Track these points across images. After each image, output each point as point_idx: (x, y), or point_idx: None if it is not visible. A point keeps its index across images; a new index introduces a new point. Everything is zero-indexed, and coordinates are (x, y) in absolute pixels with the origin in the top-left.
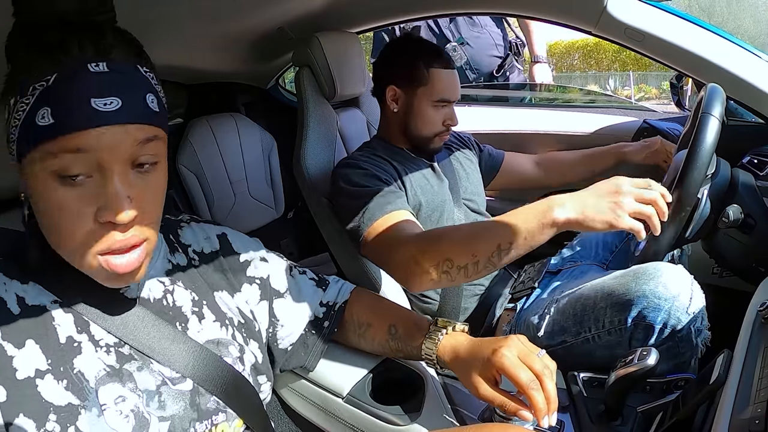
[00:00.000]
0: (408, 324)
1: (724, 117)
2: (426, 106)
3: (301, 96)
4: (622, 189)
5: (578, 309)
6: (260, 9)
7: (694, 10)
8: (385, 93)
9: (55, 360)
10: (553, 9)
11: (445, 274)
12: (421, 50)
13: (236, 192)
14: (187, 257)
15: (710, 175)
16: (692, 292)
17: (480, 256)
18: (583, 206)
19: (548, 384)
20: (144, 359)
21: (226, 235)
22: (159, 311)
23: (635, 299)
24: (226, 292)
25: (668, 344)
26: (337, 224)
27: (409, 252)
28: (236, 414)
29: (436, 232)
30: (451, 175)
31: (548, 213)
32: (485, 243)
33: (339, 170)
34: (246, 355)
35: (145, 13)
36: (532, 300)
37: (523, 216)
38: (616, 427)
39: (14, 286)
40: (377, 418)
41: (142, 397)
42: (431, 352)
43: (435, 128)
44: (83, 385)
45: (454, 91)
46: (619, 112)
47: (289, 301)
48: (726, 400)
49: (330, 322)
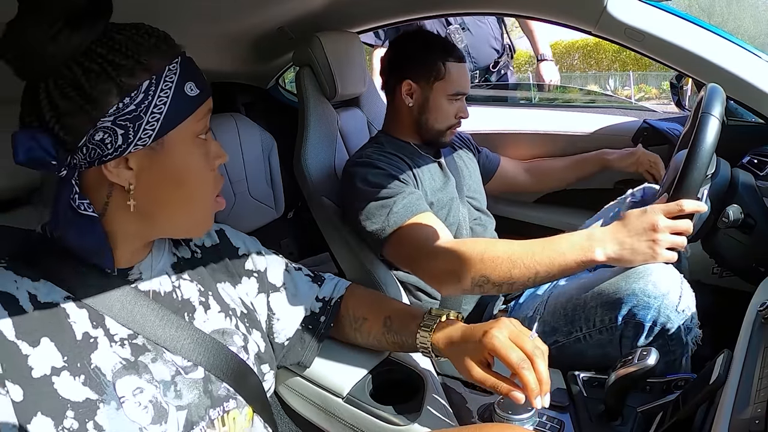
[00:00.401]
0: (403, 315)
1: (724, 117)
2: (442, 99)
3: (301, 96)
4: (658, 225)
5: (569, 309)
6: (260, 9)
7: (694, 10)
8: (400, 87)
9: (71, 356)
10: (553, 9)
11: (479, 288)
12: (436, 45)
13: (236, 192)
14: (191, 251)
15: (710, 175)
16: (682, 291)
17: (516, 279)
18: (621, 247)
19: (540, 364)
20: (157, 349)
21: (224, 231)
22: (169, 304)
23: (625, 298)
24: (228, 283)
25: (659, 342)
26: (338, 224)
27: (448, 263)
28: (245, 402)
29: (478, 248)
30: (456, 172)
31: (589, 252)
32: (524, 269)
33: (354, 169)
34: (250, 345)
35: (145, 12)
36: (523, 300)
37: (563, 248)
38: (616, 427)
39: (26, 284)
40: (377, 418)
41: (159, 388)
42: (426, 341)
43: (449, 121)
44: (101, 380)
45: (467, 84)
46: (619, 112)
47: (285, 296)
48: (726, 400)
49: (326, 317)
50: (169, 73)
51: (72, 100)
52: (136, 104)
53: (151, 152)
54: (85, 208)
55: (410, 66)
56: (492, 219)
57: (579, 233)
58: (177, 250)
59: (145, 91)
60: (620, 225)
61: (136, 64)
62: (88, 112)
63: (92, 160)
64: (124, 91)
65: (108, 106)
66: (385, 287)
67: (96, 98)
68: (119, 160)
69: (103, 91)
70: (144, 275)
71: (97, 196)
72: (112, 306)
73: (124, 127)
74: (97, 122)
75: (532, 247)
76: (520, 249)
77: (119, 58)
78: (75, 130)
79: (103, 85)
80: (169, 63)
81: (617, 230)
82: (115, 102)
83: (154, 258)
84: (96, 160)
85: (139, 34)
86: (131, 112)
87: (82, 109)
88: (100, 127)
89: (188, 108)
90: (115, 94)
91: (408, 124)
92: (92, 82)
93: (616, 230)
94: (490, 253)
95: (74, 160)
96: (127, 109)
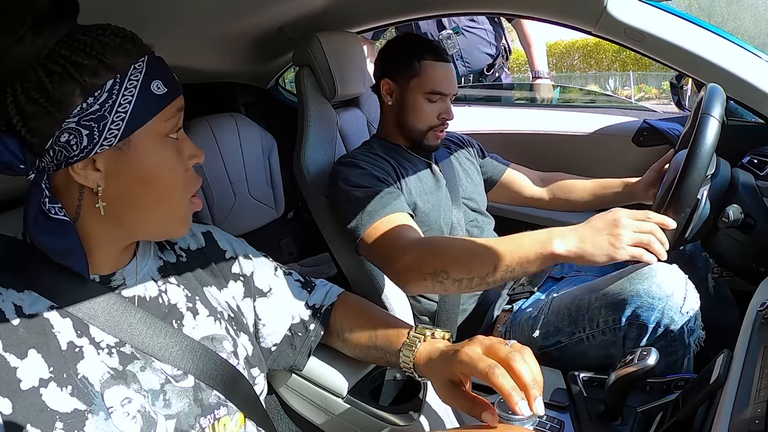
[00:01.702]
0: (389, 331)
1: (724, 117)
2: (419, 98)
3: (301, 96)
4: (620, 222)
5: (573, 309)
6: (260, 9)
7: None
8: (381, 87)
9: (57, 367)
10: (553, 9)
11: (440, 284)
12: (413, 43)
13: (236, 192)
14: (176, 254)
15: (710, 176)
16: (686, 292)
17: (475, 273)
18: (582, 241)
19: (518, 365)
20: (146, 358)
21: (212, 233)
22: (155, 310)
23: (629, 299)
24: (214, 287)
25: (661, 343)
26: (336, 224)
27: (408, 258)
28: (236, 408)
29: (437, 243)
30: (450, 174)
31: (548, 245)
32: (482, 262)
33: (337, 168)
34: (239, 349)
35: (146, 12)
36: (530, 302)
37: (523, 242)
38: (616, 427)
39: (11, 296)
40: (377, 418)
41: (148, 397)
42: (408, 361)
43: (429, 121)
44: (88, 390)
45: (448, 84)
46: (619, 112)
47: (272, 301)
48: (726, 400)
49: (316, 326)
50: (134, 72)
51: (37, 102)
52: (100, 104)
53: (118, 152)
54: (56, 212)
55: (389, 65)
56: (491, 220)
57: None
58: (162, 254)
59: (109, 91)
60: (584, 223)
61: (99, 64)
62: (53, 114)
63: (59, 162)
64: (88, 90)
65: (72, 106)
66: (384, 287)
67: (60, 99)
68: (86, 161)
69: (66, 92)
70: (128, 281)
71: (69, 200)
72: (95, 314)
73: (89, 127)
74: (62, 123)
75: (493, 242)
76: (481, 243)
77: (82, 58)
78: (41, 133)
79: (66, 86)
80: (134, 62)
81: (579, 227)
82: (78, 102)
83: (138, 263)
84: (63, 162)
85: (105, 34)
86: (95, 112)
87: (46, 111)
88: (65, 129)
89: (155, 106)
90: (78, 94)
91: (393, 125)
92: (55, 84)
93: (578, 227)
94: (450, 247)
95: (42, 163)
96: (91, 109)
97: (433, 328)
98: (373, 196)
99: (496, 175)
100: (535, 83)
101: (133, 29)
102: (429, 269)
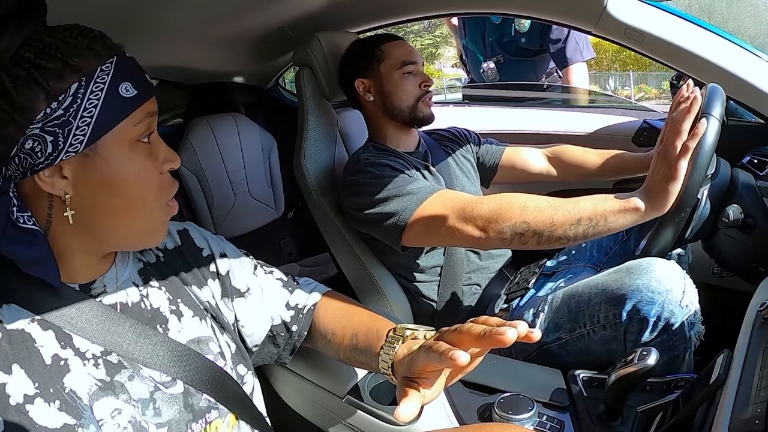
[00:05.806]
0: (370, 333)
1: (724, 117)
2: (395, 76)
3: (301, 96)
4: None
5: (572, 306)
6: (260, 9)
7: (694, 10)
8: (356, 90)
9: (43, 382)
10: (553, 9)
11: (519, 236)
12: (364, 40)
13: (236, 192)
14: (155, 255)
15: (710, 175)
16: (685, 286)
17: (559, 224)
18: (656, 182)
19: (474, 326)
20: (133, 366)
21: (188, 231)
22: (138, 315)
23: (629, 293)
24: (195, 286)
25: (662, 337)
26: (338, 224)
27: (485, 210)
28: (227, 409)
29: (514, 196)
30: (447, 173)
31: (631, 199)
32: (567, 214)
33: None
34: (224, 348)
35: (146, 13)
36: (526, 300)
37: (605, 197)
38: (616, 427)
39: None
40: (377, 418)
41: (138, 407)
42: (386, 363)
43: (414, 93)
44: (77, 404)
45: (413, 54)
46: (619, 112)
47: (249, 302)
48: (726, 400)
49: (299, 326)
50: (101, 74)
51: (1, 109)
52: (64, 108)
53: (84, 159)
54: (25, 221)
55: (354, 67)
56: None
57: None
58: (142, 255)
59: (74, 95)
60: (646, 179)
61: (64, 66)
62: (17, 120)
63: (25, 170)
64: (52, 95)
65: (36, 112)
66: (384, 287)
67: (23, 105)
68: (53, 168)
69: (30, 97)
70: (108, 288)
71: (39, 209)
72: (77, 323)
73: (53, 133)
74: (26, 130)
75: (575, 199)
76: (562, 199)
77: (46, 61)
78: (6, 140)
79: (30, 91)
80: (102, 63)
81: (645, 183)
82: (42, 107)
83: (118, 269)
84: (28, 170)
85: (72, 35)
86: (59, 117)
87: (11, 117)
88: (29, 135)
89: (123, 110)
90: (42, 99)
91: (384, 123)
92: (19, 89)
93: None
94: (533, 201)
95: (8, 171)
96: (55, 114)
97: (415, 328)
98: (406, 185)
99: (497, 158)
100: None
101: (133, 30)
102: (511, 222)
